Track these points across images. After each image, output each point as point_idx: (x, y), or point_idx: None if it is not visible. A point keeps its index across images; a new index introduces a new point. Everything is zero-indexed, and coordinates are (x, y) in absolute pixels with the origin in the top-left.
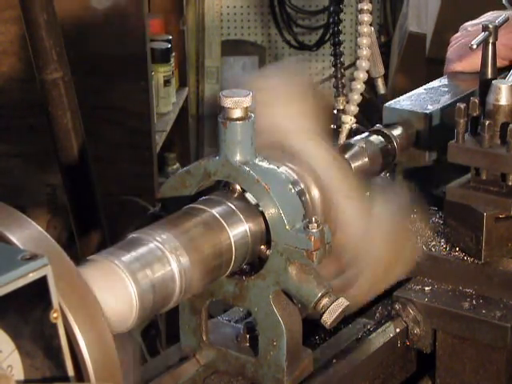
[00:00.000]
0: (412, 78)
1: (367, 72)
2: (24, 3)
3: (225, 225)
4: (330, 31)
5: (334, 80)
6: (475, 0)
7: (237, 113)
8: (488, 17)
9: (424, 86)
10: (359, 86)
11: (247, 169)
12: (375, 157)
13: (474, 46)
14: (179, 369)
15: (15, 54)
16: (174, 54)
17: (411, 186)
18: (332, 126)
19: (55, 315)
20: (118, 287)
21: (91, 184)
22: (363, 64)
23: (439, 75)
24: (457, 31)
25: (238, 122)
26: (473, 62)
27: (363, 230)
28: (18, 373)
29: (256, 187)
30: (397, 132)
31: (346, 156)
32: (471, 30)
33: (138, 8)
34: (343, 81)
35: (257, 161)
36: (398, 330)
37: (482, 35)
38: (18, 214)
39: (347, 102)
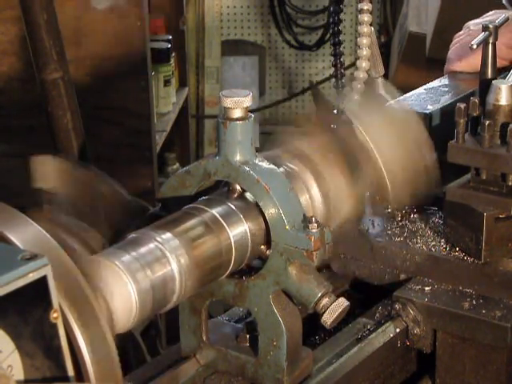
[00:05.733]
0: (412, 78)
1: (367, 72)
2: (24, 3)
3: (225, 225)
4: (330, 31)
5: (333, 80)
6: (475, 0)
7: (237, 113)
8: (491, 16)
9: (424, 86)
10: (359, 86)
11: (247, 169)
12: None
13: (474, 46)
14: (179, 369)
15: (15, 53)
16: (173, 54)
17: None
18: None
19: (55, 315)
20: (118, 287)
21: None
22: (363, 64)
23: (439, 75)
24: (457, 31)
25: (237, 121)
26: (472, 63)
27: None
28: (18, 373)
29: (256, 187)
30: None
31: None
32: (473, 30)
33: (138, 8)
34: (343, 81)
35: (257, 161)
36: (398, 330)
37: (482, 35)
38: (18, 214)
39: None
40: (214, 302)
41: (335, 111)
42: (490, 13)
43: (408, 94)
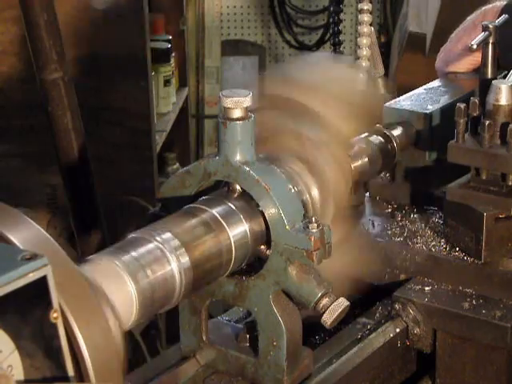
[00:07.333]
0: (412, 78)
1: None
2: (24, 3)
3: (225, 225)
4: (330, 31)
5: None
6: (475, 0)
7: (237, 113)
8: (472, 20)
9: (424, 86)
10: None
11: (247, 169)
12: (375, 157)
13: (474, 46)
14: (179, 369)
15: (15, 54)
16: (173, 54)
17: None
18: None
19: (55, 315)
20: (118, 287)
21: (91, 184)
22: (363, 64)
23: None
24: None
25: (238, 121)
26: (458, 67)
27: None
28: (18, 373)
29: (256, 187)
30: (397, 132)
31: None
32: (453, 37)
33: (137, 8)
34: None
35: (257, 161)
36: (397, 330)
37: (481, 35)
38: (18, 214)
39: None
40: (214, 302)
41: None
42: (469, 18)
43: (408, 94)
